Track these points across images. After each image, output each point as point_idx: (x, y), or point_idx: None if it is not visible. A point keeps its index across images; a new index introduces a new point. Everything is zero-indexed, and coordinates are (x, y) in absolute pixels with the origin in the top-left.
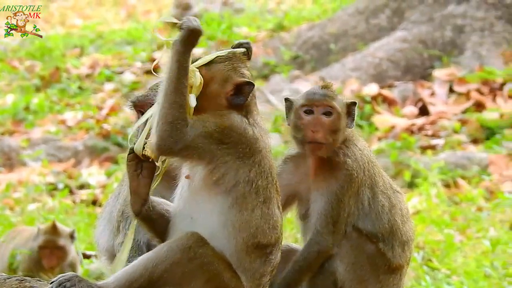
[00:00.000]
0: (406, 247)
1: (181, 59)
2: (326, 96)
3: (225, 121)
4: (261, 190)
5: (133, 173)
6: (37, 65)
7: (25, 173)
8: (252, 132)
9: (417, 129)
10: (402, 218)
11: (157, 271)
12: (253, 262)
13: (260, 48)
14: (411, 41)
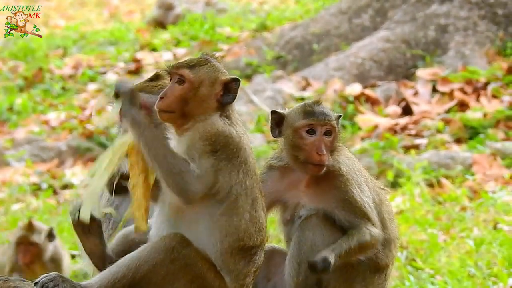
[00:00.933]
0: (393, 245)
1: (142, 121)
2: (327, 115)
3: (209, 129)
4: (249, 191)
5: (82, 237)
6: (20, 65)
7: (9, 173)
8: (235, 132)
9: (400, 128)
10: (389, 215)
11: (140, 271)
12: (238, 264)
13: (242, 48)
14: (394, 41)
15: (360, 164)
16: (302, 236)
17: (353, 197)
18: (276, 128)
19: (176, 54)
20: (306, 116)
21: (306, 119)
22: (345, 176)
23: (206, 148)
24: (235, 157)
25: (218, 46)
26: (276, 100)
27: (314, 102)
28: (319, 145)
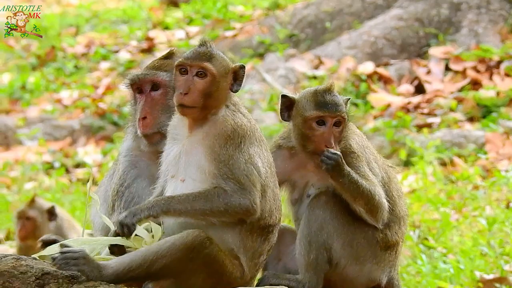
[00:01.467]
0: (402, 222)
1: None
2: (338, 105)
3: (223, 128)
4: (272, 168)
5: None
6: (33, 44)
7: (22, 152)
8: (242, 116)
9: (413, 107)
10: (398, 193)
11: (156, 264)
12: (255, 242)
13: (255, 26)
14: (407, 19)
15: (368, 141)
16: (311, 214)
17: (365, 172)
18: (286, 111)
19: (189, 33)
20: (317, 107)
21: (317, 110)
22: (356, 153)
23: (230, 150)
24: (254, 139)
25: (230, 25)
26: (289, 78)
27: (325, 90)
28: (328, 138)
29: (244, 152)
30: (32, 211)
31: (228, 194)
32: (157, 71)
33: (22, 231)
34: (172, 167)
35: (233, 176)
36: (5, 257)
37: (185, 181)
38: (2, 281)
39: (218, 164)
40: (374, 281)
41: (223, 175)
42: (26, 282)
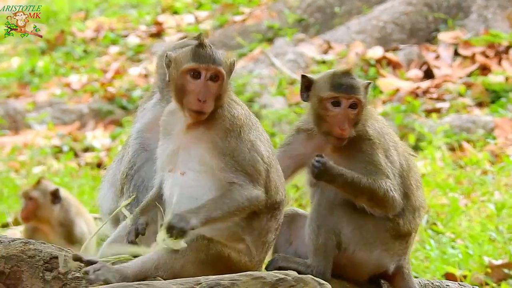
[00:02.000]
0: (417, 213)
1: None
2: (354, 88)
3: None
4: (270, 143)
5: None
6: (43, 28)
7: (31, 136)
8: (235, 103)
9: (422, 92)
10: (416, 183)
11: (169, 269)
12: (261, 221)
13: (264, 11)
14: (416, 4)
15: (390, 128)
16: (322, 199)
17: (378, 161)
18: (305, 92)
19: (198, 17)
20: (333, 88)
21: (332, 91)
22: (372, 139)
23: (232, 142)
24: (251, 124)
25: (239, 9)
26: (298, 63)
27: (343, 73)
28: (342, 119)
29: (245, 141)
30: (35, 192)
31: (243, 187)
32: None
33: (23, 211)
34: (169, 162)
35: (241, 168)
36: (14, 241)
37: (185, 174)
38: (11, 265)
39: (224, 158)
40: (382, 267)
41: (231, 168)
42: (34, 266)
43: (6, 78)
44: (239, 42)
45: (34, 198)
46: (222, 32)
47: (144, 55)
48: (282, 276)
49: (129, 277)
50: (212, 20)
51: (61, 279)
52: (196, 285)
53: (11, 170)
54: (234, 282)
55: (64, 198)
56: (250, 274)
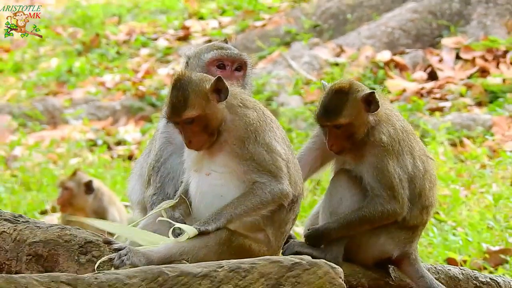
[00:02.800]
0: (425, 211)
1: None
2: (332, 115)
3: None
4: (285, 139)
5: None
6: (79, 31)
7: (67, 130)
8: (245, 109)
9: (426, 92)
10: (430, 184)
11: (191, 256)
12: (281, 213)
13: (282, 17)
14: (421, 12)
15: (410, 132)
16: (333, 188)
17: (386, 167)
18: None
19: (222, 22)
20: (317, 112)
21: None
22: (385, 146)
23: (250, 147)
24: (264, 124)
25: (260, 16)
26: (313, 65)
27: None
28: (328, 139)
29: (262, 144)
30: (70, 182)
31: (267, 185)
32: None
33: (59, 199)
34: (195, 164)
35: (263, 169)
36: (51, 227)
37: (210, 175)
38: (48, 249)
39: (245, 162)
40: (386, 253)
41: (253, 170)
42: (70, 250)
43: (45, 77)
44: (259, 46)
45: (70, 188)
46: (244, 36)
47: (172, 56)
48: (298, 260)
49: (154, 261)
50: (234, 25)
51: (95, 262)
52: (219, 268)
53: (49, 161)
54: (254, 265)
55: (98, 188)
56: (268, 258)
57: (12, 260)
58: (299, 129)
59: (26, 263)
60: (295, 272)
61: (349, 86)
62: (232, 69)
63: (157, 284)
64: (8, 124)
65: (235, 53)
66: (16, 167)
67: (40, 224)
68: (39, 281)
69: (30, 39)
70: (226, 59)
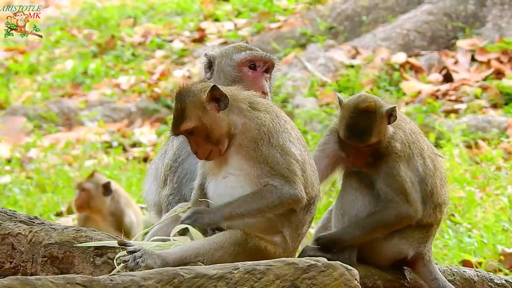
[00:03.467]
0: (438, 209)
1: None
2: (364, 137)
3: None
4: (301, 140)
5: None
6: (94, 33)
7: (83, 132)
8: (257, 112)
9: (442, 94)
10: (441, 181)
11: (206, 257)
12: (298, 215)
13: (298, 19)
14: (436, 14)
15: (418, 133)
16: (344, 191)
17: (398, 172)
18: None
19: (237, 24)
20: (346, 132)
21: (345, 134)
22: (397, 153)
23: (264, 150)
24: (278, 126)
25: (275, 17)
26: (328, 67)
27: (358, 115)
28: (354, 156)
29: (276, 146)
30: (88, 184)
31: (278, 188)
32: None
33: (77, 200)
34: (213, 168)
35: (276, 172)
36: (67, 228)
37: (227, 178)
38: (64, 251)
39: (259, 166)
40: (401, 254)
41: (267, 174)
42: (86, 252)
43: (60, 79)
44: (275, 47)
45: (87, 189)
46: (259, 38)
47: (188, 58)
48: (313, 262)
49: (169, 263)
50: (250, 27)
51: (110, 264)
52: (234, 270)
53: (65, 163)
54: (269, 267)
55: (115, 190)
56: (283, 260)
57: (27, 262)
58: (314, 131)
59: (42, 265)
60: (311, 274)
61: (374, 104)
62: (262, 70)
63: (172, 286)
64: (23, 126)
65: (267, 55)
66: (32, 169)
67: (56, 226)
68: (54, 282)
69: (45, 40)
70: (258, 59)
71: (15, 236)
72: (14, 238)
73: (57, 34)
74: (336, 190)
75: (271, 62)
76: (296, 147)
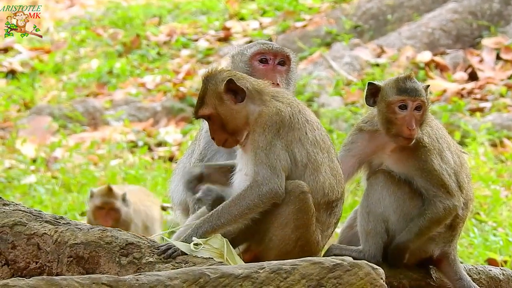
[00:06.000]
0: (465, 205)
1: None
2: (418, 91)
3: (262, 117)
4: (320, 142)
5: None
6: (120, 32)
7: (108, 131)
8: (279, 103)
9: (467, 93)
10: (467, 178)
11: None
12: (322, 217)
13: (323, 18)
14: (461, 12)
15: (444, 129)
16: (370, 189)
17: (433, 167)
18: (371, 98)
19: (262, 23)
20: (399, 92)
21: (399, 95)
22: (427, 147)
23: (268, 136)
24: (295, 123)
25: (300, 16)
26: (353, 66)
27: (406, 77)
28: (410, 120)
29: (282, 138)
30: (117, 202)
31: (258, 183)
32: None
33: (107, 221)
34: (239, 163)
35: (267, 161)
36: (92, 228)
37: (246, 174)
38: (89, 251)
39: (257, 151)
40: (427, 253)
41: (257, 161)
42: (111, 252)
43: (86, 79)
44: (300, 46)
45: (117, 208)
46: (285, 37)
47: (213, 57)
48: (339, 261)
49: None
50: (275, 26)
51: (136, 264)
52: (260, 270)
53: (90, 163)
54: (295, 266)
55: (128, 198)
56: (309, 259)
57: (53, 262)
58: (340, 130)
59: (67, 265)
60: (336, 273)
61: (413, 76)
62: (274, 63)
63: (198, 286)
64: (49, 126)
65: (277, 47)
66: (57, 169)
67: (81, 226)
68: (80, 282)
69: (70, 40)
70: (268, 52)
71: (41, 236)
72: (40, 238)
73: (82, 33)
74: (361, 190)
75: (282, 54)
76: (308, 147)
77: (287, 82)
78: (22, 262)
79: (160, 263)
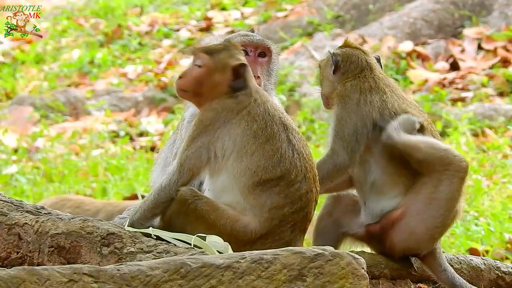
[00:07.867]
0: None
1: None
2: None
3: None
4: (259, 132)
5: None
6: (101, 22)
7: (90, 121)
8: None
9: (448, 83)
10: None
11: (164, 215)
12: (259, 198)
13: (305, 8)
14: (443, 2)
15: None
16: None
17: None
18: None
19: (244, 13)
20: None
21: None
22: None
23: (193, 133)
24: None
25: (282, 6)
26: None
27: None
28: None
29: (209, 136)
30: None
31: (166, 179)
32: (268, 41)
33: None
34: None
35: (177, 157)
36: (73, 218)
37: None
38: (70, 241)
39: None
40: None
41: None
42: (93, 242)
43: (67, 69)
44: (282, 36)
45: None
46: (266, 27)
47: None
48: (320, 251)
49: None
50: (257, 16)
51: (117, 254)
52: (241, 259)
53: (72, 153)
54: (276, 256)
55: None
56: (291, 249)
57: (34, 252)
58: (322, 120)
59: (48, 255)
60: (318, 263)
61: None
62: (255, 55)
63: (179, 276)
64: (30, 116)
65: (258, 38)
66: (38, 159)
67: (62, 216)
68: (61, 272)
69: (51, 30)
70: (248, 44)
71: (22, 226)
72: (21, 228)
73: (63, 23)
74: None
75: (262, 45)
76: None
77: (268, 74)
78: (3, 252)
79: (142, 253)
